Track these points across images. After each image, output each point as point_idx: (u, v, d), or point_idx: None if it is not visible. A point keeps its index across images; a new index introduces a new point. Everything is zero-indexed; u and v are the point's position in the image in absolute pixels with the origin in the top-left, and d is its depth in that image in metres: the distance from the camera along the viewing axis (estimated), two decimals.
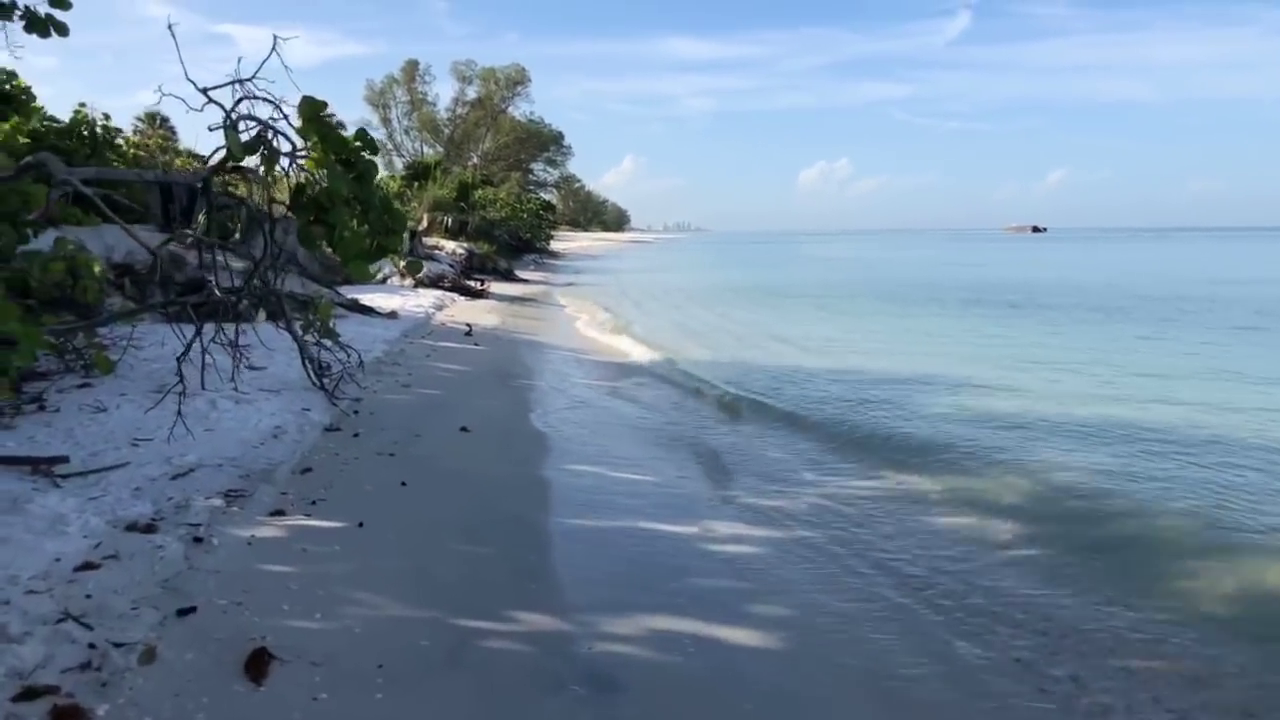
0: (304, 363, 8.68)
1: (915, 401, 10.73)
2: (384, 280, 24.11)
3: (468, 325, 16.23)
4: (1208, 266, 48.77)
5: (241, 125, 5.84)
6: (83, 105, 16.46)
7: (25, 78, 14.95)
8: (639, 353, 15.09)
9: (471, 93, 76.31)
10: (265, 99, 5.80)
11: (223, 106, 5.90)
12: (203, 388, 7.85)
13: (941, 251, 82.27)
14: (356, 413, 8.62)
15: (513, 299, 25.43)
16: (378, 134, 74.69)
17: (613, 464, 7.67)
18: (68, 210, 12.87)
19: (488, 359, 13.46)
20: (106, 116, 16.58)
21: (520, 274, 35.56)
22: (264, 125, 5.76)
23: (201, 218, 9.30)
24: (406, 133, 77.26)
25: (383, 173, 51.75)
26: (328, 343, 9.35)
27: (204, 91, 5.82)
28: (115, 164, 15.36)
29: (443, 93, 77.72)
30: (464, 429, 8.44)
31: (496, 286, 27.15)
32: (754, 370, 13.02)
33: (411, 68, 77.64)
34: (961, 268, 47.64)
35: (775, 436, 9.20)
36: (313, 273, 16.01)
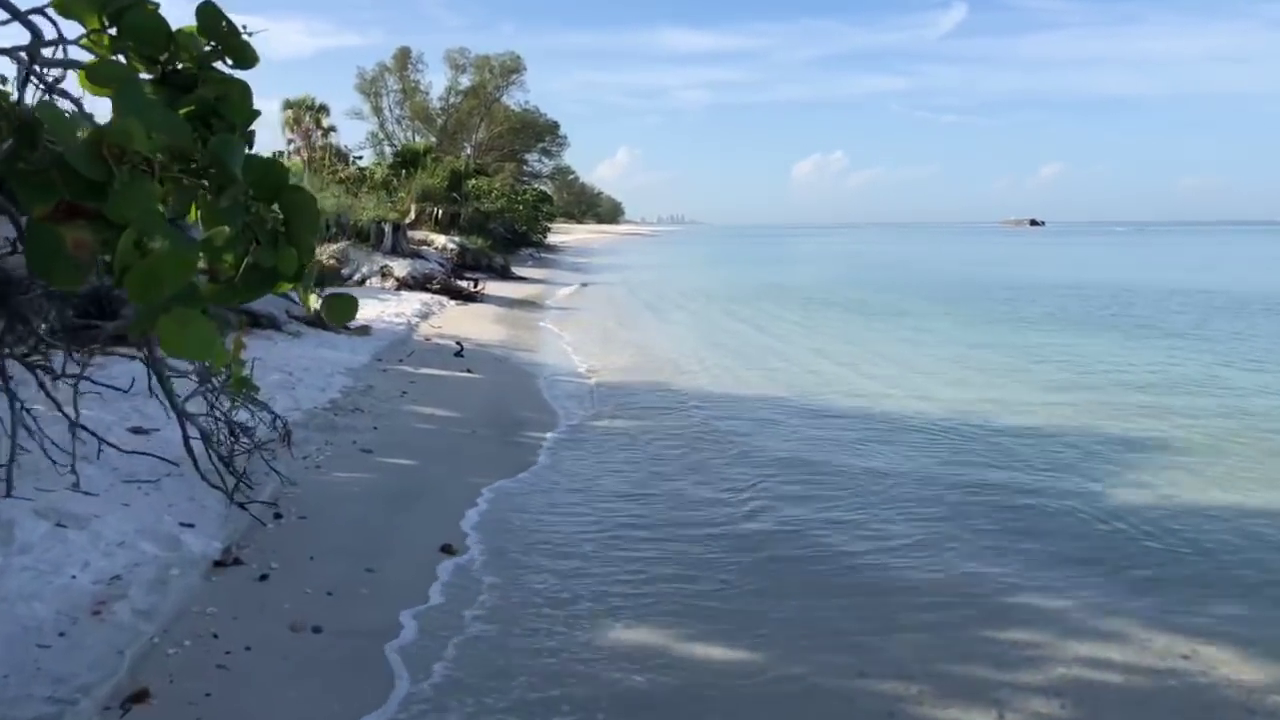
0: (185, 444, 5.48)
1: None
2: (361, 281, 20.93)
3: (458, 343, 13.07)
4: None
5: None
6: None
7: None
8: (684, 384, 11.91)
9: (465, 81, 74.05)
10: None
11: None
12: (8, 491, 4.66)
13: (952, 246, 79.25)
14: (278, 516, 5.48)
15: (512, 302, 22.25)
16: (369, 123, 72.13)
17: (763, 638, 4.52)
18: None
19: (484, 395, 10.30)
20: None
21: (518, 271, 32.37)
22: None
23: None
24: (398, 122, 74.79)
25: (370, 161, 48.44)
26: (246, 403, 6.17)
27: None
28: None
29: (436, 82, 74.56)
30: (447, 549, 5.29)
31: (492, 287, 23.97)
32: (888, 429, 9.45)
33: (404, 55, 75.16)
34: (991, 266, 44.10)
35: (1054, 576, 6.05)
36: None
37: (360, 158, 43.74)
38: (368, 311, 16.63)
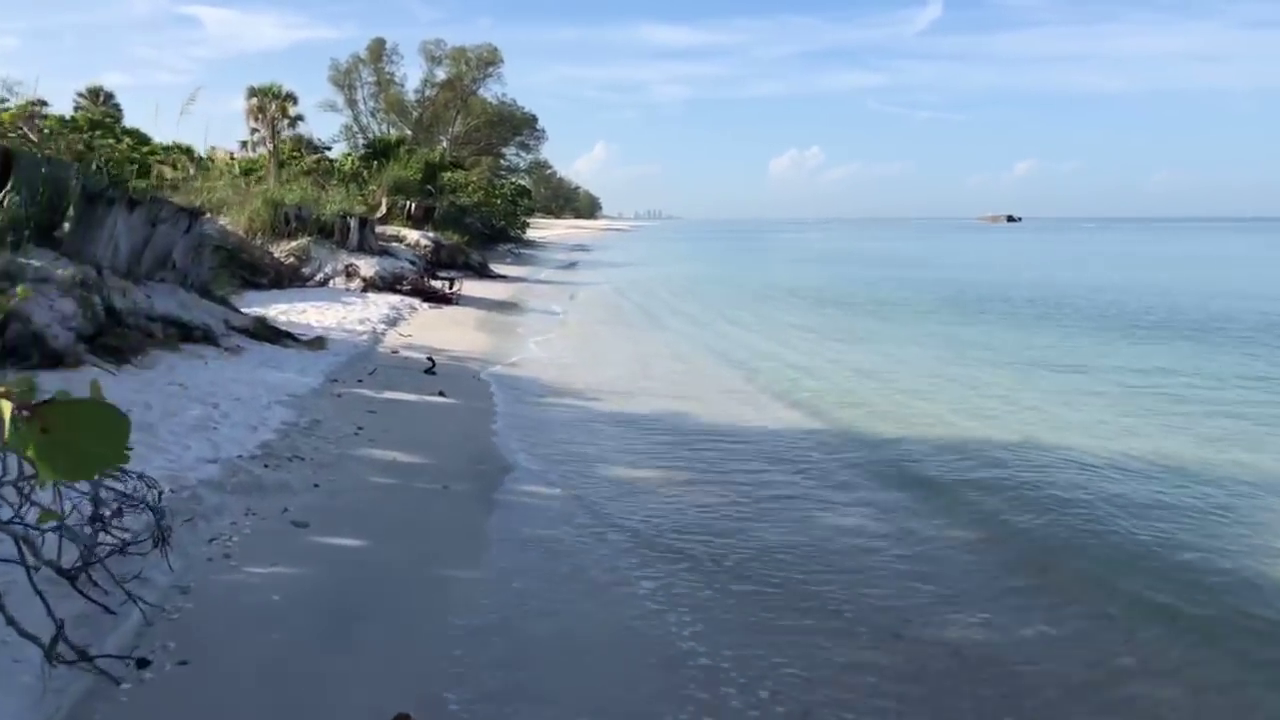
0: None
1: None
2: (324, 282, 18.91)
3: (430, 359, 11.13)
4: None
5: None
6: None
7: None
8: (697, 411, 10.09)
9: (441, 74, 72.54)
10: None
11: None
12: None
13: (940, 243, 77.91)
14: (144, 664, 3.57)
15: (491, 304, 20.29)
16: (343, 116, 70.40)
17: None
18: None
19: (459, 428, 8.39)
20: None
21: (497, 268, 30.36)
22: None
23: None
24: (373, 114, 73.07)
25: (340, 152, 46.08)
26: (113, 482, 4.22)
27: None
28: None
29: (411, 75, 72.77)
30: None
31: (470, 286, 21.97)
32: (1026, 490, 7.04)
33: (378, 46, 73.52)
34: (997, 270, 42.18)
35: None
36: (197, 281, 10.82)
37: (329, 148, 41.50)
38: (330, 315, 14.69)
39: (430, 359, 11.07)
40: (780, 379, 11.68)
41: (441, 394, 9.71)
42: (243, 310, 13.07)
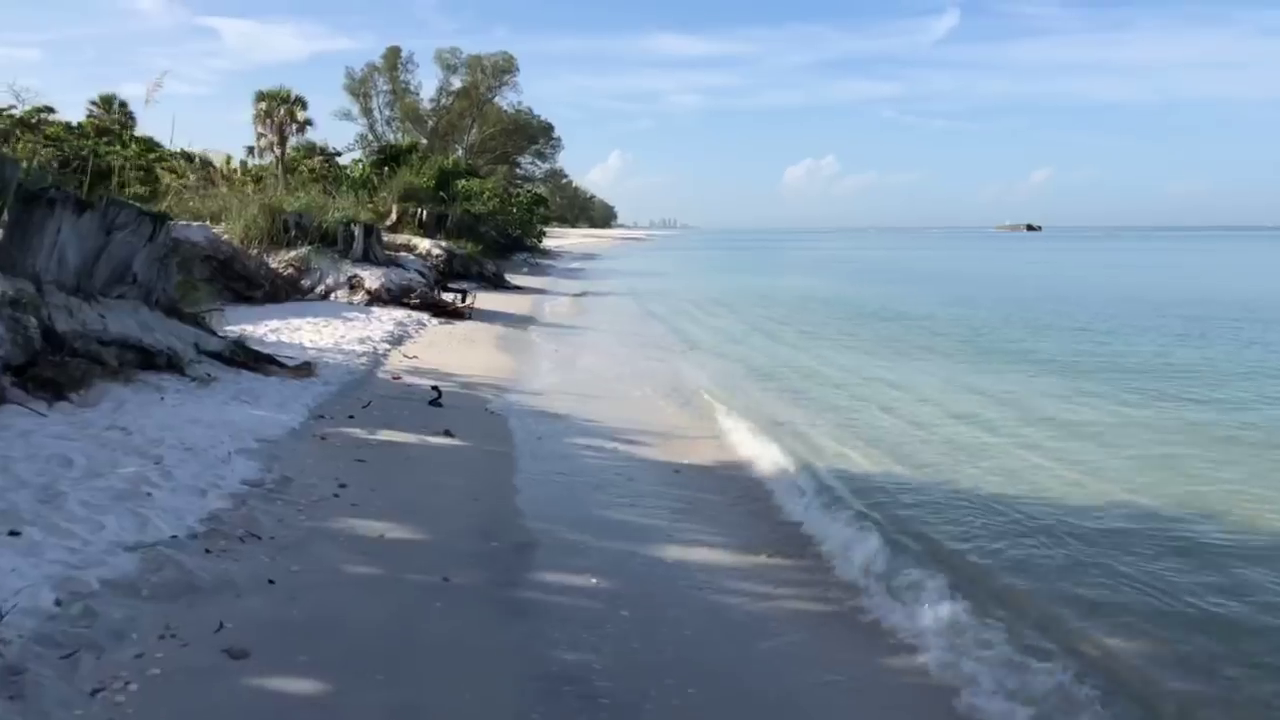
0: None
1: None
2: (325, 295, 17.38)
3: (435, 388, 9.50)
4: None
5: None
6: None
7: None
8: (757, 461, 8.46)
9: (457, 82, 71.98)
10: None
11: None
12: None
13: (973, 254, 75.96)
14: None
15: (508, 319, 18.70)
16: (358, 125, 69.78)
17: None
18: None
19: (468, 485, 6.75)
20: None
21: (512, 279, 28.79)
22: None
23: None
24: (388, 123, 72.53)
25: (351, 158, 44.61)
26: None
27: None
28: None
29: (426, 84, 72.26)
30: None
31: (484, 299, 20.39)
32: None
33: (394, 55, 73.22)
34: (1080, 285, 35.33)
35: None
36: (163, 297, 9.24)
37: (339, 153, 40.10)
38: (328, 333, 13.14)
39: (436, 388, 9.45)
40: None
41: (448, 433, 8.09)
42: (227, 329, 11.55)
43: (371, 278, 17.67)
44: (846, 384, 11.87)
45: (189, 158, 31.25)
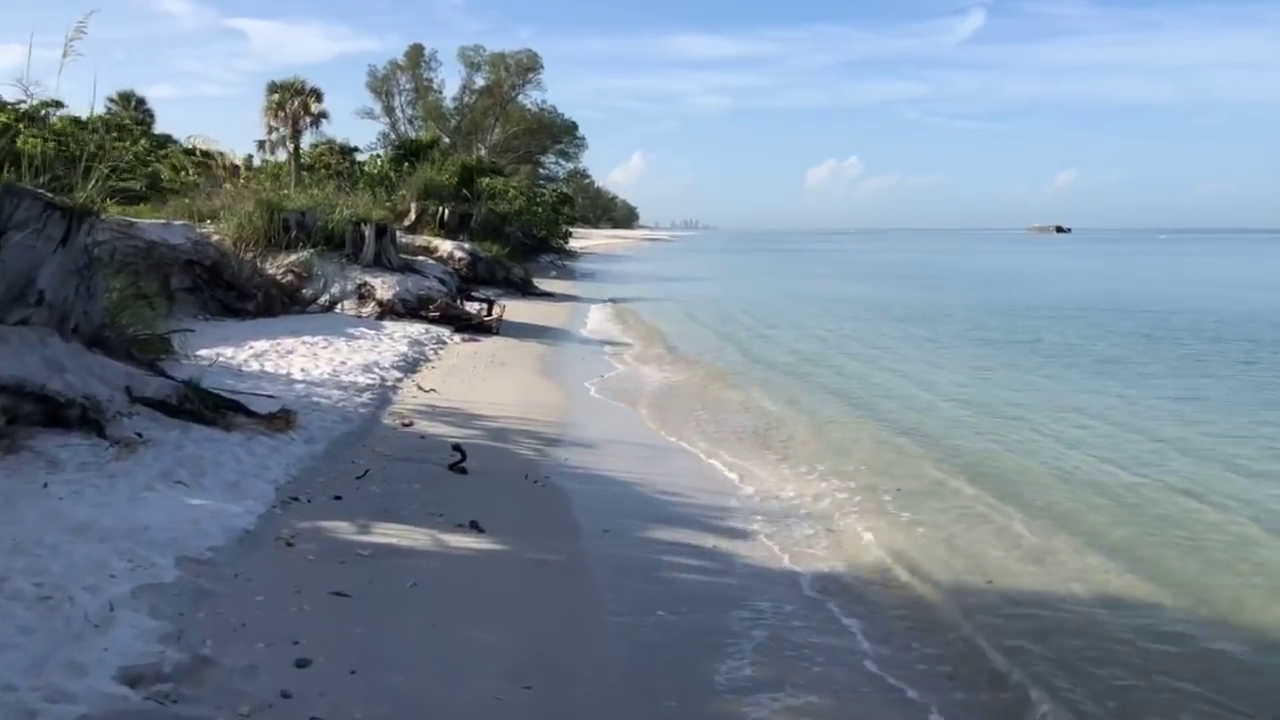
0: None
1: None
2: (330, 305, 14.83)
3: (458, 447, 6.81)
4: None
5: None
6: None
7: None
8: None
9: (480, 80, 70.33)
10: None
11: None
12: None
13: (1013, 257, 72.64)
14: None
15: (542, 334, 16.06)
16: (380, 123, 68.18)
17: None
18: None
19: (519, 639, 4.09)
20: None
21: (541, 284, 26.17)
22: None
23: None
24: (410, 122, 70.86)
25: (369, 154, 42.20)
26: None
27: None
28: None
29: (450, 82, 70.61)
30: None
31: (513, 308, 17.74)
32: None
33: (416, 52, 71.77)
34: (1147, 285, 34.31)
35: None
36: (85, 323, 6.64)
37: (357, 149, 37.69)
38: (328, 356, 10.61)
39: (458, 448, 6.78)
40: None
41: (476, 526, 5.45)
42: (198, 354, 9.02)
43: (384, 286, 15.10)
44: (1028, 421, 9.14)
45: (190, 152, 28.90)
